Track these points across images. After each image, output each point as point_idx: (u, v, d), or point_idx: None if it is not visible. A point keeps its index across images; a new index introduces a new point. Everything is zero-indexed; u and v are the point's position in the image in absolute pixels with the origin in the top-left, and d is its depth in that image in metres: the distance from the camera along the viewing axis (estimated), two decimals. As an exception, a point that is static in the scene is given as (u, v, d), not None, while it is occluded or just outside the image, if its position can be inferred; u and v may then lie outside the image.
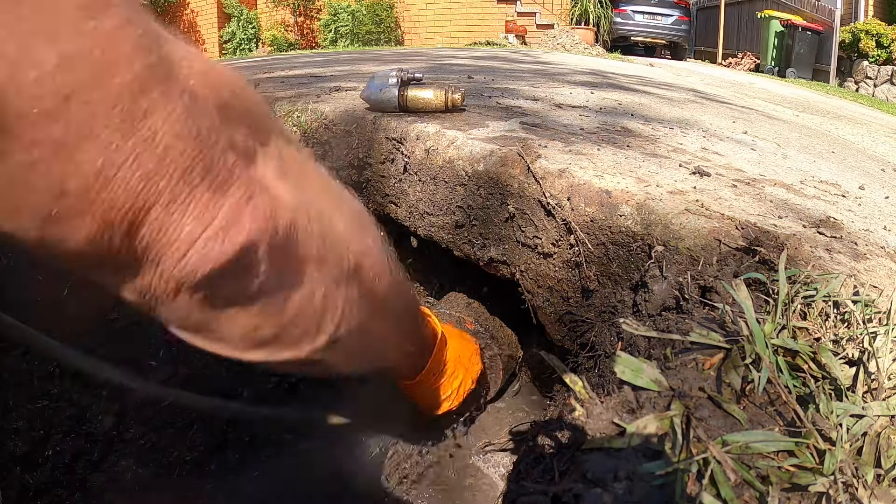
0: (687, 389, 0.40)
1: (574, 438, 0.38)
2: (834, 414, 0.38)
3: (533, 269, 0.81)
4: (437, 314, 1.02)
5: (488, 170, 0.83)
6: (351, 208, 0.43)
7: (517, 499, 0.35)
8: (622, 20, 8.06)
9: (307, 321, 0.39)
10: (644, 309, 0.63)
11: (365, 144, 1.00)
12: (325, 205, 0.39)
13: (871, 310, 0.49)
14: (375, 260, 0.45)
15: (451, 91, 1.05)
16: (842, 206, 0.79)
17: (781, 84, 4.87)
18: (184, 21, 9.36)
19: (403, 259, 1.23)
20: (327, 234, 0.38)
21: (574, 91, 1.67)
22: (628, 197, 0.70)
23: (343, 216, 0.41)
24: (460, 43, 7.19)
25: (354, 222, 0.43)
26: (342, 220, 0.41)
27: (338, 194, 0.42)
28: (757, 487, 0.33)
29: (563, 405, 0.42)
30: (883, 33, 7.00)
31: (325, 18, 7.96)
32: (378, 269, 0.46)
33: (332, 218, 0.39)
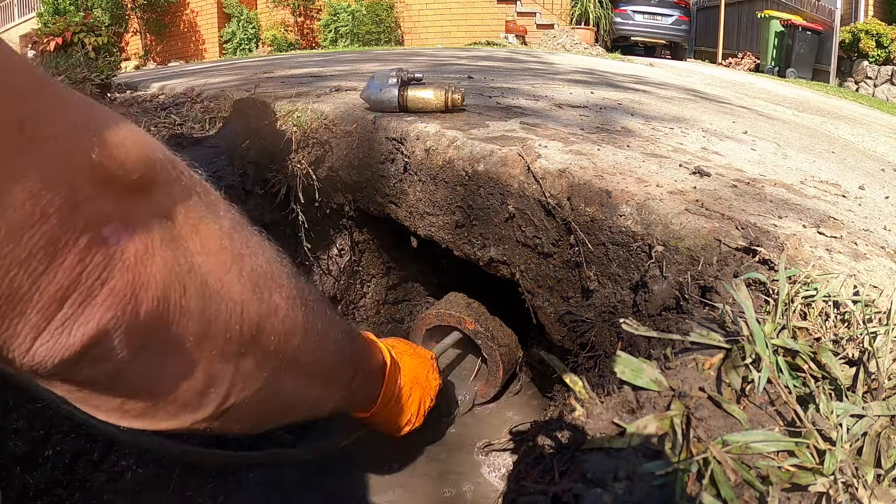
0: (687, 389, 0.40)
1: (574, 438, 0.38)
2: (834, 414, 0.38)
3: (533, 269, 0.81)
4: (436, 313, 1.03)
5: (488, 170, 0.83)
6: (254, 265, 0.40)
7: (517, 499, 0.35)
8: (622, 20, 8.05)
9: (184, 398, 0.37)
10: (644, 309, 0.63)
11: (365, 144, 1.00)
12: (217, 269, 0.36)
13: (871, 310, 0.49)
14: (283, 318, 0.42)
15: (451, 91, 1.05)
16: (842, 206, 0.79)
17: (781, 84, 4.87)
18: (184, 21, 9.36)
19: (404, 259, 1.24)
20: (212, 306, 0.35)
21: (574, 91, 1.67)
22: (628, 197, 0.70)
23: (242, 277, 0.38)
24: (460, 43, 7.19)
25: (256, 281, 0.39)
26: (239, 282, 0.38)
27: (238, 251, 0.39)
28: (757, 487, 0.33)
29: (563, 405, 0.42)
30: (883, 33, 7.00)
31: (325, 18, 7.96)
32: (286, 328, 0.42)
33: (225, 284, 0.36)
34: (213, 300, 0.35)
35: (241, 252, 0.39)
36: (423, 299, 1.32)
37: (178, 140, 1.05)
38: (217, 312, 0.36)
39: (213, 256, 0.36)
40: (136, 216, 0.31)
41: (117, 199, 0.30)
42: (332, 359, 0.55)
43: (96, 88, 1.13)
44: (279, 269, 0.43)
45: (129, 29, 9.20)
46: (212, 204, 0.37)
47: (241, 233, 0.40)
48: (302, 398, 0.51)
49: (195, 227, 0.35)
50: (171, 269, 0.32)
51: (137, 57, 8.88)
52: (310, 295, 0.48)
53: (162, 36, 9.42)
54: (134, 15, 9.07)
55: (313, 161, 1.05)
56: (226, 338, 0.37)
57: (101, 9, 8.51)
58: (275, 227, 1.07)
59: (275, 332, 0.41)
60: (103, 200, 0.29)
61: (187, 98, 1.47)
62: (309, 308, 0.46)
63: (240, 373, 0.39)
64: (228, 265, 0.37)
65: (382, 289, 1.25)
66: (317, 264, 1.14)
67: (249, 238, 0.41)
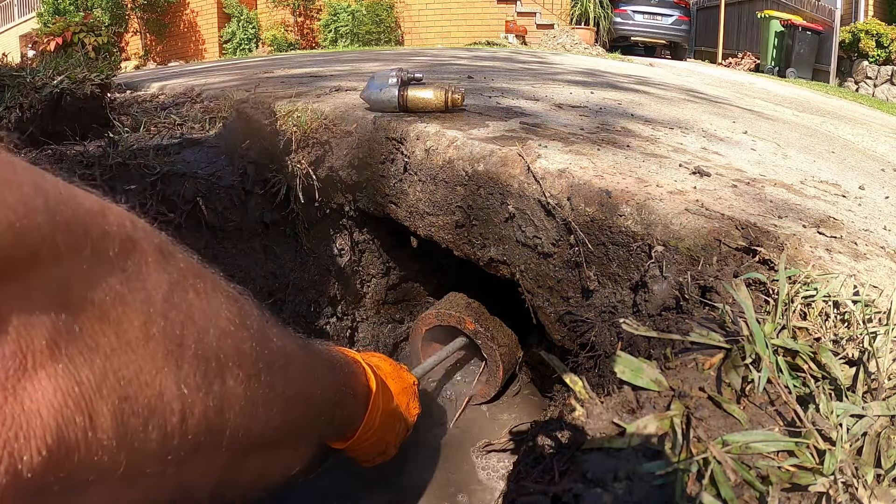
0: (687, 389, 0.40)
1: (574, 438, 0.38)
2: (834, 414, 0.38)
3: (533, 269, 0.81)
4: (436, 313, 1.03)
5: (488, 170, 0.83)
6: (200, 345, 0.30)
7: (517, 499, 0.35)
8: (622, 20, 8.06)
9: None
10: (644, 309, 0.63)
11: (365, 144, 1.00)
12: (145, 369, 0.27)
13: (871, 310, 0.49)
14: (241, 408, 0.34)
15: (451, 91, 1.05)
16: (842, 206, 0.79)
17: (781, 84, 4.87)
18: (184, 21, 9.36)
19: (404, 259, 1.24)
20: (138, 428, 0.26)
21: (574, 91, 1.67)
22: (628, 197, 0.70)
23: (182, 370, 0.29)
24: (460, 43, 7.19)
25: (204, 369, 0.31)
26: (177, 378, 0.28)
27: (176, 332, 0.29)
28: (757, 487, 0.33)
29: (563, 405, 0.42)
30: (883, 33, 7.00)
31: (325, 18, 7.96)
32: (246, 417, 0.34)
33: (157, 387, 0.27)
34: (140, 417, 0.26)
35: (181, 332, 0.29)
36: (423, 299, 1.32)
37: (177, 140, 1.05)
38: (146, 433, 0.27)
39: (135, 352, 0.26)
40: (4, 320, 0.21)
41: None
42: (307, 419, 0.46)
43: (96, 88, 1.13)
44: (238, 335, 0.34)
45: (129, 29, 9.21)
46: (135, 269, 0.27)
47: (182, 301, 0.30)
48: (272, 469, 0.44)
49: (105, 312, 0.25)
50: (66, 394, 0.23)
51: (137, 57, 8.88)
52: (280, 356, 0.39)
53: (162, 36, 9.42)
54: (134, 15, 9.08)
55: (313, 161, 1.05)
56: (160, 458, 0.28)
57: (101, 9, 8.51)
58: (275, 227, 1.07)
59: (230, 426, 0.33)
60: None
61: (187, 98, 1.47)
62: (278, 374, 0.38)
63: (181, 486, 0.32)
64: (161, 358, 0.28)
65: (382, 289, 1.25)
66: (316, 264, 1.14)
67: (194, 303, 0.31)
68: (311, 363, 0.48)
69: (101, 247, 0.25)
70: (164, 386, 0.28)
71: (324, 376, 0.51)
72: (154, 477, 0.29)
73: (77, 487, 0.24)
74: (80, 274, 0.24)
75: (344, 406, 0.57)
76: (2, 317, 0.21)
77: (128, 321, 0.26)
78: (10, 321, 0.21)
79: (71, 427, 0.23)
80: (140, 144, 0.97)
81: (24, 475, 0.21)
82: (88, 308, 0.24)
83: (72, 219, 0.24)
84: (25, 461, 0.21)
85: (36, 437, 0.21)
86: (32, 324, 0.22)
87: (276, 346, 0.39)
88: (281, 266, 1.06)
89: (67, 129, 1.07)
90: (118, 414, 0.25)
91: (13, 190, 0.21)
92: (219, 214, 0.94)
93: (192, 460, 0.31)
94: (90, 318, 0.24)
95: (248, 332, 0.35)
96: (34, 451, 0.21)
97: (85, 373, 0.23)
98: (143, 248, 0.28)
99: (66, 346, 0.23)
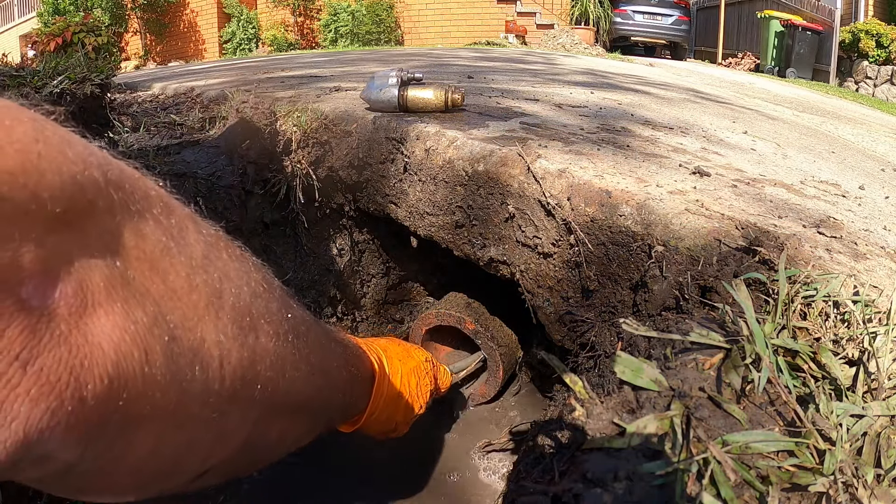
0: (687, 389, 0.40)
1: (574, 438, 0.38)
2: (834, 414, 0.38)
3: (533, 269, 0.81)
4: (436, 313, 1.03)
5: (488, 170, 0.83)
6: (235, 301, 0.33)
7: (517, 499, 0.35)
8: (622, 20, 8.06)
9: (153, 471, 0.31)
10: (644, 309, 0.63)
11: (365, 144, 1.00)
12: (189, 316, 0.29)
13: (871, 310, 0.49)
14: (271, 363, 0.36)
15: (451, 91, 1.05)
16: (842, 206, 0.79)
17: (781, 84, 4.87)
18: (184, 21, 9.37)
19: (404, 259, 1.24)
20: (184, 367, 0.28)
21: (574, 91, 1.67)
22: (628, 197, 0.70)
23: (220, 321, 0.31)
24: (460, 43, 7.19)
25: (239, 321, 0.33)
26: (217, 328, 0.31)
27: (215, 286, 0.31)
28: (757, 487, 0.33)
29: (563, 405, 0.42)
30: (883, 33, 7.00)
31: (325, 18, 7.96)
32: (275, 372, 0.36)
33: (199, 333, 0.29)
34: (186, 358, 0.28)
35: (219, 287, 0.31)
36: (423, 299, 1.32)
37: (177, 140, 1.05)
38: (191, 373, 0.29)
39: (181, 299, 0.28)
40: (67, 262, 0.23)
41: (36, 242, 0.21)
42: (324, 391, 0.49)
43: (96, 88, 1.13)
44: (266, 297, 0.36)
45: (128, 29, 9.21)
46: (177, 227, 0.30)
47: (219, 259, 0.32)
48: (288, 437, 0.45)
49: (155, 263, 0.27)
50: (124, 330, 0.24)
51: (137, 57, 8.88)
52: (301, 322, 0.42)
53: (162, 36, 9.42)
54: (134, 15, 9.08)
55: (313, 161, 1.05)
56: (203, 400, 0.30)
57: (101, 9, 8.52)
58: (275, 227, 1.07)
59: (261, 379, 0.35)
60: (13, 248, 0.20)
61: (187, 98, 1.47)
62: (301, 339, 0.40)
63: (220, 433, 0.34)
64: (203, 308, 0.30)
65: (382, 289, 1.25)
66: (316, 264, 1.14)
67: (229, 264, 0.33)
68: (327, 336, 0.51)
69: (146, 205, 0.28)
70: (206, 332, 0.30)
71: (337, 352, 0.53)
72: (198, 420, 0.31)
73: (132, 422, 0.26)
74: (130, 226, 0.26)
75: (353, 386, 0.59)
76: (65, 259, 0.23)
77: (174, 271, 0.28)
78: (72, 263, 0.23)
79: (129, 360, 0.25)
80: (140, 144, 0.97)
81: (88, 401, 0.23)
82: (140, 257, 0.26)
83: (121, 178, 0.26)
84: (90, 388, 0.23)
85: (98, 366, 0.23)
86: (91, 267, 0.24)
87: (297, 312, 0.41)
88: (281, 266, 1.06)
89: (67, 129, 1.06)
90: (168, 353, 0.27)
91: (73, 147, 0.23)
92: (219, 214, 0.94)
93: (230, 408, 0.33)
94: (141, 266, 0.26)
95: (274, 295, 0.38)
96: (97, 378, 0.23)
97: (139, 313, 0.26)
98: (180, 211, 0.31)
99: (121, 289, 0.25)
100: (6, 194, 0.20)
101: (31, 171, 0.21)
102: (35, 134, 0.21)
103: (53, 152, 0.22)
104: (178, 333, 0.28)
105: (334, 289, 1.17)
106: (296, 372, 0.40)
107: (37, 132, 0.21)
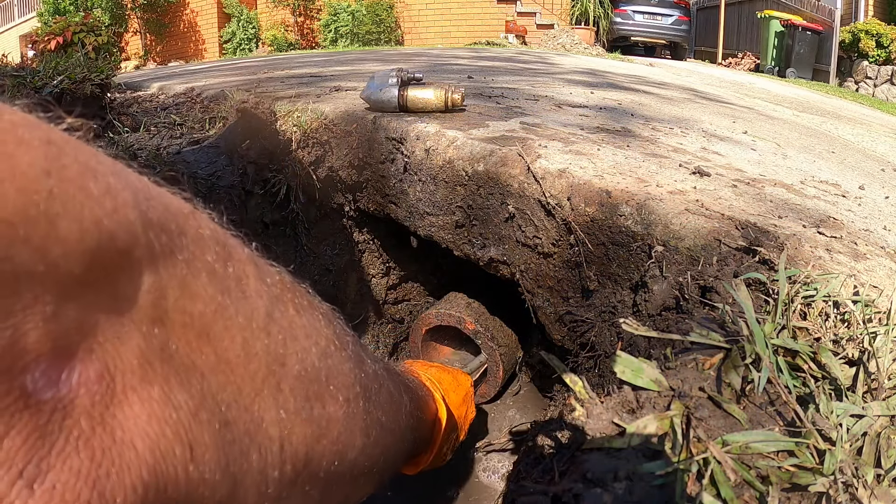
0: (687, 389, 0.40)
1: (574, 438, 0.38)
2: (834, 414, 0.38)
3: (533, 269, 0.81)
4: (436, 313, 1.03)
5: (488, 170, 0.83)
6: (302, 367, 0.27)
7: (517, 499, 0.35)
8: (622, 20, 8.06)
9: None
10: (644, 309, 0.63)
11: (365, 144, 1.00)
12: (245, 391, 0.24)
13: (871, 310, 0.49)
14: (338, 436, 0.31)
15: (451, 91, 1.05)
16: (842, 206, 0.79)
17: (781, 84, 4.87)
18: (184, 21, 9.36)
19: (404, 259, 1.24)
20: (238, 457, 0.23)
21: (574, 91, 1.67)
22: (628, 197, 0.70)
23: (282, 393, 0.26)
24: (460, 43, 7.19)
25: (305, 392, 0.27)
26: (277, 403, 0.25)
27: (277, 351, 0.25)
28: (757, 487, 0.33)
29: (563, 405, 0.42)
30: (883, 33, 7.00)
31: (325, 18, 7.96)
32: (342, 446, 0.32)
33: (257, 412, 0.24)
34: (240, 445, 0.23)
35: (283, 352, 0.26)
36: (423, 299, 1.32)
37: (177, 140, 1.05)
38: (247, 463, 0.24)
39: (236, 372, 0.23)
40: (90, 336, 0.18)
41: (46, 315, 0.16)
42: (392, 449, 0.43)
43: (96, 88, 1.13)
44: (338, 356, 0.31)
45: (129, 29, 9.21)
46: (235, 279, 0.24)
47: (284, 316, 0.26)
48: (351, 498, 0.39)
49: (206, 328, 0.22)
50: (163, 421, 0.19)
51: (137, 57, 8.88)
52: (374, 379, 0.36)
53: (162, 36, 9.42)
54: (134, 15, 9.08)
55: (313, 161, 1.05)
56: (259, 491, 0.25)
57: (101, 9, 8.51)
58: (275, 227, 1.07)
59: (327, 455, 0.30)
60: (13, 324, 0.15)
61: (187, 98, 1.47)
62: (372, 400, 0.35)
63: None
64: (261, 380, 0.24)
65: (382, 289, 1.25)
66: (316, 264, 1.14)
67: (295, 320, 0.27)
68: (398, 387, 0.46)
69: (198, 251, 0.22)
70: (264, 410, 0.24)
71: (406, 403, 0.48)
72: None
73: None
74: (177, 281, 0.20)
75: (418, 433, 0.55)
76: (87, 331, 0.18)
77: (229, 337, 0.23)
78: (96, 337, 0.18)
79: (169, 459, 0.19)
80: (140, 144, 0.97)
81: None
82: (187, 323, 0.21)
83: (164, 216, 0.20)
84: (119, 500, 0.17)
85: (131, 474, 0.18)
86: (122, 339, 0.19)
87: (370, 369, 0.37)
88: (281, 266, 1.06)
89: (67, 129, 1.06)
90: (218, 442, 0.22)
91: (98, 179, 0.17)
92: (219, 214, 0.94)
93: (291, 492, 0.28)
94: (187, 335, 0.21)
95: (346, 353, 0.32)
96: (128, 489, 0.18)
97: (182, 396, 0.20)
98: (240, 255, 0.25)
99: (160, 365, 0.20)
100: (2, 254, 0.15)
101: (37, 219, 0.15)
102: (47, 164, 0.16)
103: (71, 189, 0.16)
104: (231, 415, 0.23)
105: (334, 289, 1.16)
106: (366, 438, 0.35)
107: (50, 161, 0.16)
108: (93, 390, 0.18)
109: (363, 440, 0.34)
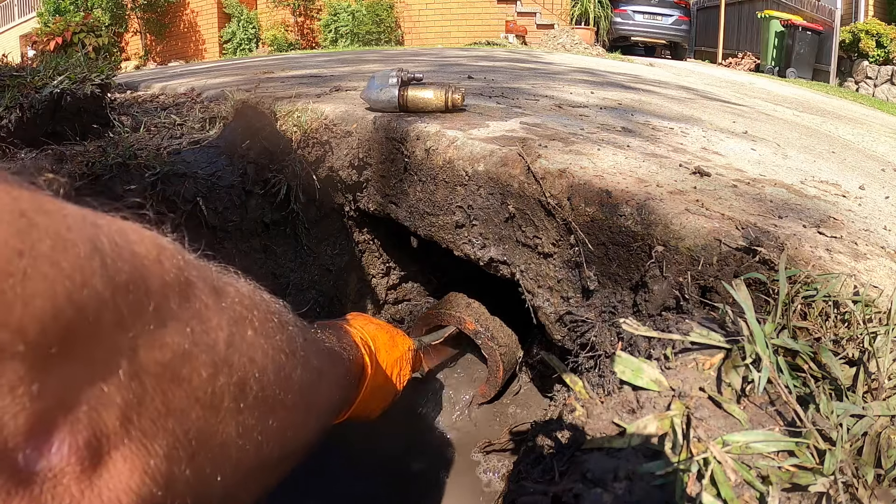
0: (687, 389, 0.40)
1: (574, 438, 0.38)
2: (834, 414, 0.38)
3: (533, 269, 0.81)
4: (436, 313, 1.03)
5: (488, 170, 0.83)
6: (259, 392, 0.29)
7: (517, 499, 0.35)
8: (622, 20, 8.06)
9: None
10: (644, 309, 0.63)
11: (365, 144, 1.00)
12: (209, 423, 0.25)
13: (871, 310, 0.49)
14: (291, 434, 0.35)
15: (452, 91, 1.05)
16: (842, 206, 0.79)
17: (781, 84, 4.87)
18: (184, 21, 9.37)
19: (404, 259, 1.24)
20: (203, 479, 0.25)
21: (574, 91, 1.67)
22: (628, 197, 0.70)
23: (240, 416, 0.28)
24: (460, 43, 7.19)
25: (261, 408, 0.30)
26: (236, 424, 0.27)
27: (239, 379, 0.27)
28: (757, 487, 0.33)
29: (563, 405, 0.42)
30: (883, 33, 7.00)
31: (325, 18, 7.96)
32: (293, 440, 0.36)
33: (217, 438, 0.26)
34: (207, 468, 0.25)
35: (243, 376, 0.28)
36: (423, 299, 1.32)
37: (177, 140, 1.05)
38: (213, 480, 0.26)
39: (202, 405, 0.25)
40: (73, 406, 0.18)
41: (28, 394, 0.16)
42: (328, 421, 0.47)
43: (96, 88, 1.13)
44: (289, 365, 0.34)
45: (129, 29, 9.21)
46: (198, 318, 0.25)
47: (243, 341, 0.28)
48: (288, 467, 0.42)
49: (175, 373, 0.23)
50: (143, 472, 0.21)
51: (137, 57, 8.88)
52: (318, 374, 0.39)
53: (162, 36, 9.42)
54: (134, 15, 9.08)
55: (313, 161, 1.05)
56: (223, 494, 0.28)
57: (101, 9, 8.51)
58: (275, 227, 1.07)
59: (276, 452, 0.34)
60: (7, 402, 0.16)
61: (187, 98, 1.47)
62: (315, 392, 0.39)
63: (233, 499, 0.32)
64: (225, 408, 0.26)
65: (382, 289, 1.25)
66: (316, 264, 1.14)
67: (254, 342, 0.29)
68: (334, 368, 0.49)
69: (162, 301, 0.23)
70: (226, 432, 0.26)
71: (338, 376, 0.52)
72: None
73: None
74: (145, 336, 0.21)
75: (349, 391, 0.60)
76: (71, 404, 0.18)
77: (197, 377, 0.24)
78: (80, 406, 0.19)
79: (149, 502, 0.21)
80: (140, 144, 0.97)
81: None
82: (158, 372, 0.22)
83: (131, 276, 0.21)
84: None
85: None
86: (103, 403, 0.19)
87: (313, 365, 0.38)
88: (281, 266, 1.06)
89: (67, 130, 1.07)
90: (190, 474, 0.24)
91: (68, 252, 0.18)
92: (219, 214, 0.94)
93: (245, 482, 0.31)
94: (161, 383, 0.22)
95: (296, 359, 0.34)
96: None
97: (159, 443, 0.22)
98: (200, 287, 0.26)
99: (138, 418, 0.21)
100: None
101: (11, 302, 0.15)
102: (19, 242, 0.16)
103: (44, 267, 0.16)
104: (199, 446, 0.24)
105: (334, 289, 1.16)
106: (307, 427, 0.38)
107: (22, 238, 0.16)
108: (82, 456, 0.18)
109: (304, 431, 0.37)
